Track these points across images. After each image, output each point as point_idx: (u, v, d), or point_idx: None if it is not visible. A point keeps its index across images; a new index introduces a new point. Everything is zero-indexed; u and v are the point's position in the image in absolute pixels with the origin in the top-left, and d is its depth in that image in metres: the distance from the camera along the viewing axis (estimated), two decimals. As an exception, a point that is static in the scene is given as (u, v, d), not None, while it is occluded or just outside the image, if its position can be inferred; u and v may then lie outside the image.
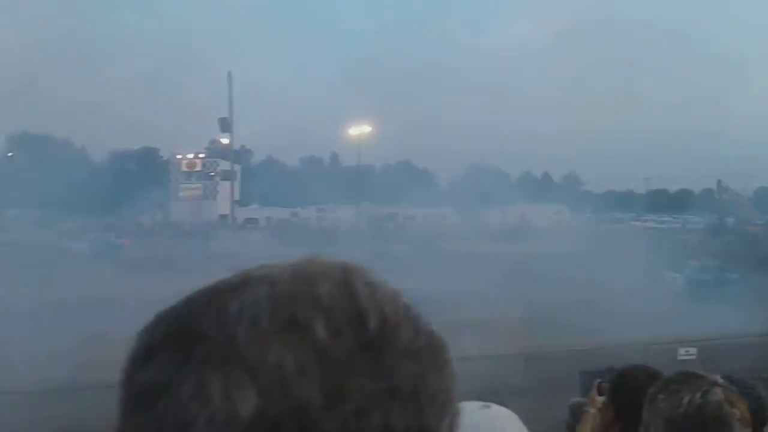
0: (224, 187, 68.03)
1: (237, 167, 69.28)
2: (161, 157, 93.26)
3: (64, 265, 29.33)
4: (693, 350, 11.58)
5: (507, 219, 63.59)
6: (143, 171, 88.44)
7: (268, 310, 0.51)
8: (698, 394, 1.66)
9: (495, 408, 1.57)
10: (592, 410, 2.75)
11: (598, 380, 2.82)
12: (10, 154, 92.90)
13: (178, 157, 76.35)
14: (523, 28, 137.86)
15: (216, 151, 76.93)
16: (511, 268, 24.37)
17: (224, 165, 70.08)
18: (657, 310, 15.18)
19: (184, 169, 75.23)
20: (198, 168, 74.88)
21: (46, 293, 19.82)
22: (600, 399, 2.66)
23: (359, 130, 64.49)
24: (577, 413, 3.74)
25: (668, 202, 74.31)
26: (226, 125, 63.63)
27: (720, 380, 1.76)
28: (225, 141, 68.49)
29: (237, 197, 66.97)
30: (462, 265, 27.44)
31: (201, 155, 76.77)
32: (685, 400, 1.65)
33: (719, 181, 70.07)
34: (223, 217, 65.17)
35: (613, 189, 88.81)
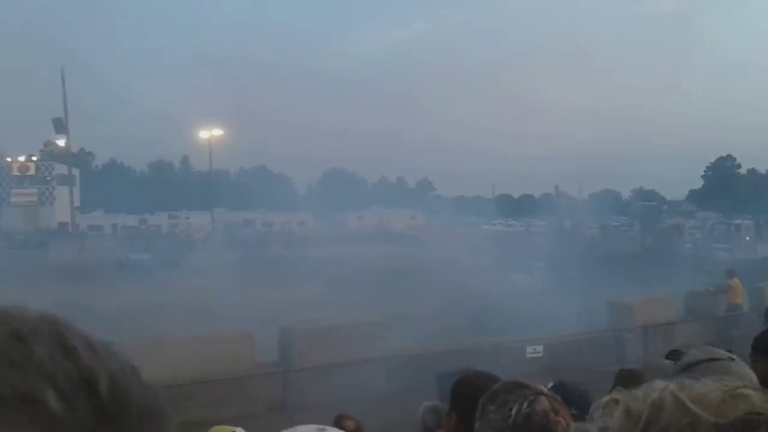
0: (62, 192, 63.14)
1: (76, 171, 64.44)
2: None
3: None
4: (540, 348, 12.12)
5: (365, 223, 64.36)
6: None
7: None
8: (525, 404, 1.72)
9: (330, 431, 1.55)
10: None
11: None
12: None
13: (8, 159, 69.85)
14: (386, 34, 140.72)
15: (51, 154, 71.27)
16: (369, 273, 24.53)
17: (61, 169, 65.07)
18: (506, 310, 15.76)
19: (16, 172, 68.98)
20: (31, 171, 68.99)
21: None
22: None
23: (210, 133, 62.37)
24: (434, 415, 3.70)
25: (513, 206, 78.73)
26: (61, 126, 58.84)
27: (545, 389, 1.83)
28: (61, 143, 63.47)
29: (77, 203, 62.30)
30: (320, 269, 27.22)
31: (34, 158, 70.84)
32: (514, 410, 1.71)
33: (556, 187, 75.68)
34: (62, 224, 60.37)
35: (462, 194, 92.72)
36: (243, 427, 2.80)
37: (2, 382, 0.40)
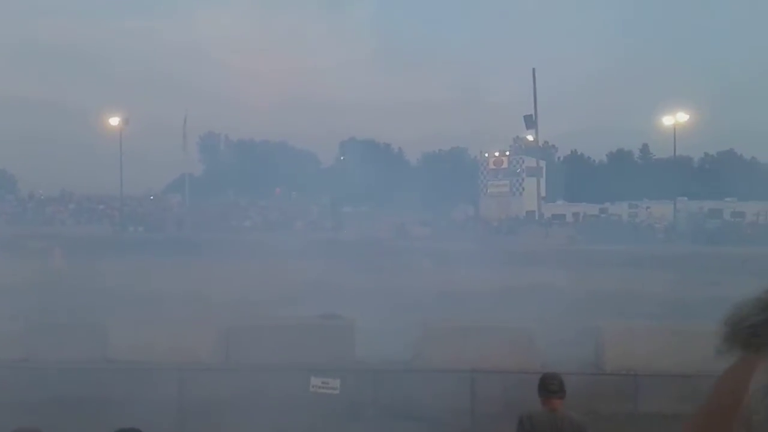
0: (530, 183, 68.74)
1: (542, 163, 69.39)
2: (469, 156, 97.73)
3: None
4: None
5: None
6: (454, 170, 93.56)
7: None
8: None
9: None
10: None
11: None
12: (342, 157, 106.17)
13: (486, 155, 79.18)
14: None
15: (521, 148, 78.12)
16: None
17: (529, 162, 70.74)
18: None
19: (491, 166, 77.73)
20: (504, 165, 76.71)
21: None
22: None
23: (674, 118, 59.47)
24: None
25: None
26: (531, 122, 64.15)
27: None
28: (530, 138, 69.12)
29: (543, 194, 67.05)
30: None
31: (507, 153, 78.55)
32: None
33: None
34: (530, 213, 65.89)
35: None
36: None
37: None
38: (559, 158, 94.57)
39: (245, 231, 61.10)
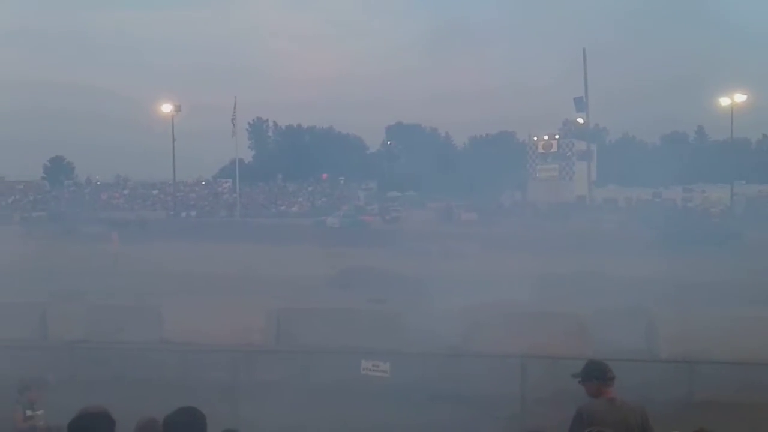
0: (580, 167, 67.53)
1: (593, 147, 68.04)
2: (518, 139, 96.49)
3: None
4: None
5: None
6: (501, 154, 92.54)
7: None
8: None
9: None
10: None
11: None
12: (389, 142, 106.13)
13: (535, 138, 78.01)
14: None
15: (571, 132, 76.75)
16: None
17: (580, 145, 69.42)
18: None
19: (541, 150, 76.57)
20: (554, 149, 75.49)
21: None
22: None
23: (731, 99, 57.41)
24: None
25: None
26: (581, 105, 62.88)
27: None
28: (580, 120, 67.80)
29: (594, 178, 65.83)
30: None
31: (556, 136, 77.27)
32: None
33: None
34: (580, 197, 64.78)
35: None
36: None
37: None
38: (610, 141, 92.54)
39: (293, 215, 61.95)
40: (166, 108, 67.25)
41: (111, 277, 19.75)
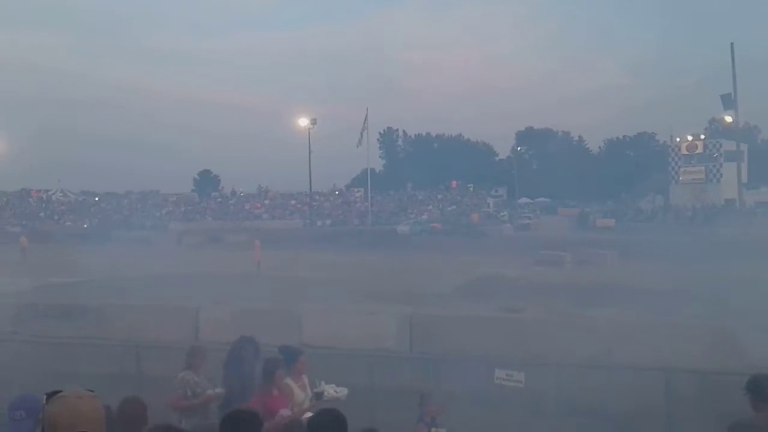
0: (729, 169, 62.86)
1: (743, 146, 63.04)
2: (658, 141, 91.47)
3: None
4: None
5: None
6: (640, 156, 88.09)
7: None
8: None
9: None
10: None
11: None
12: (519, 148, 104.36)
13: (677, 140, 73.64)
14: None
15: (718, 131, 71.75)
16: None
17: (728, 145, 64.65)
18: None
19: (684, 151, 72.14)
20: (699, 150, 70.84)
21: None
22: None
23: None
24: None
25: None
26: (729, 102, 58.39)
27: None
28: (728, 119, 63.07)
29: (744, 179, 60.99)
30: None
31: (702, 136, 72.49)
32: None
33: None
34: (729, 201, 60.27)
35: None
36: None
37: None
38: (762, 140, 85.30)
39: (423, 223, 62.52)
40: (303, 121, 70.26)
41: (254, 283, 20.97)
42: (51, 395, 2.13)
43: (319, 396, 6.04)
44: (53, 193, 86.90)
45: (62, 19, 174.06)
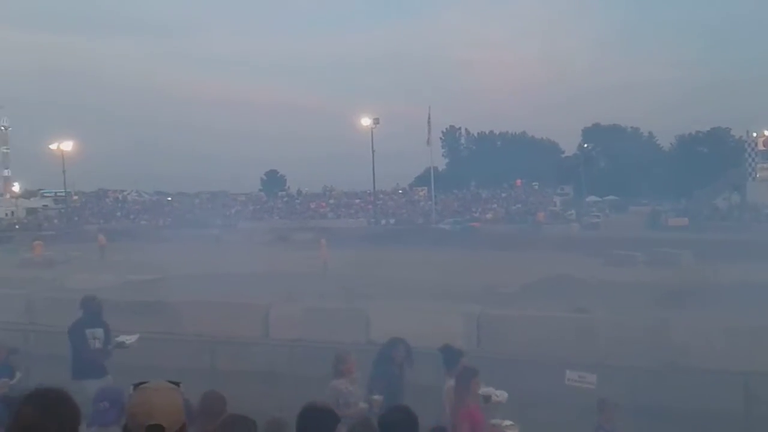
0: (813, 165, 59.79)
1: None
2: (733, 136, 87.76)
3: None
4: None
5: None
6: (714, 152, 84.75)
7: None
8: None
9: None
10: None
11: None
12: (585, 145, 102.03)
13: (754, 134, 70.44)
14: None
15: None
16: None
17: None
18: None
19: (761, 147, 68.94)
20: (775, 146, 67.57)
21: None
22: None
23: None
24: None
25: None
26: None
27: None
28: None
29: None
30: None
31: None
32: None
33: None
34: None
35: None
36: None
37: None
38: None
39: (487, 222, 61.97)
40: (366, 121, 70.71)
41: (322, 281, 21.30)
42: (136, 386, 2.22)
43: (487, 399, 5.95)
44: (128, 194, 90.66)
45: (129, 26, 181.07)
